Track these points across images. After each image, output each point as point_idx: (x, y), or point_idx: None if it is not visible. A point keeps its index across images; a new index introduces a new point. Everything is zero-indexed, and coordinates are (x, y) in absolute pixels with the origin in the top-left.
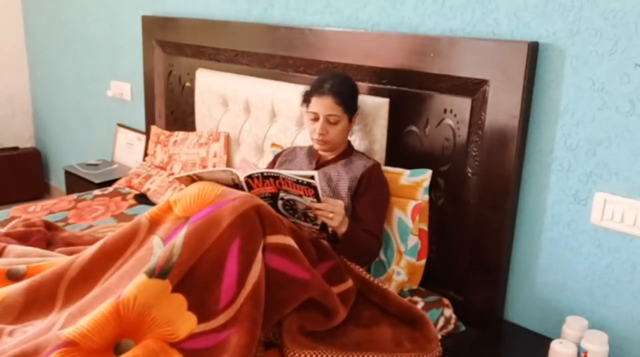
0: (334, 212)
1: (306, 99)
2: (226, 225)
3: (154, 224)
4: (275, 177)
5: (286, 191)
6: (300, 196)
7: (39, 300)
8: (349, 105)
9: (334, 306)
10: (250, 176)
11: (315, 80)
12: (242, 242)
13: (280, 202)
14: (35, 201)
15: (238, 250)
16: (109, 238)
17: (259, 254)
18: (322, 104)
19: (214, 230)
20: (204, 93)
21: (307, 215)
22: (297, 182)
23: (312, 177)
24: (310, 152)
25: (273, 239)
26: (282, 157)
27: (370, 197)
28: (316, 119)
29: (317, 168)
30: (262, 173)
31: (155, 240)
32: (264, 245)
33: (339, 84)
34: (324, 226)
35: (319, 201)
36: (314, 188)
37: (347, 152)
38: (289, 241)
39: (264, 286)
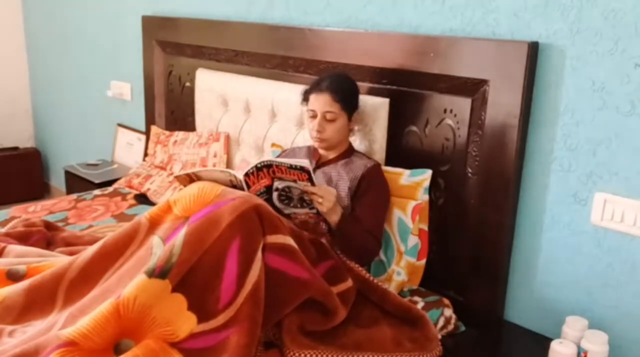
0: (323, 197)
1: (305, 97)
2: (226, 225)
3: (153, 224)
4: (269, 166)
5: (280, 179)
6: (295, 181)
7: (39, 300)
8: (347, 103)
9: (334, 305)
10: (246, 174)
11: (314, 79)
12: (242, 242)
13: (275, 194)
14: (35, 201)
15: (238, 250)
16: (109, 238)
17: (259, 254)
18: (320, 101)
19: (214, 230)
20: (204, 93)
21: (303, 200)
22: (290, 167)
23: (304, 166)
24: (310, 151)
25: (273, 238)
26: (281, 158)
27: (370, 198)
28: (314, 116)
29: (317, 168)
30: (255, 166)
31: (155, 240)
32: (263, 245)
33: (337, 82)
34: None
35: (313, 185)
36: (308, 172)
37: (348, 153)
38: (289, 241)
39: (263, 286)
